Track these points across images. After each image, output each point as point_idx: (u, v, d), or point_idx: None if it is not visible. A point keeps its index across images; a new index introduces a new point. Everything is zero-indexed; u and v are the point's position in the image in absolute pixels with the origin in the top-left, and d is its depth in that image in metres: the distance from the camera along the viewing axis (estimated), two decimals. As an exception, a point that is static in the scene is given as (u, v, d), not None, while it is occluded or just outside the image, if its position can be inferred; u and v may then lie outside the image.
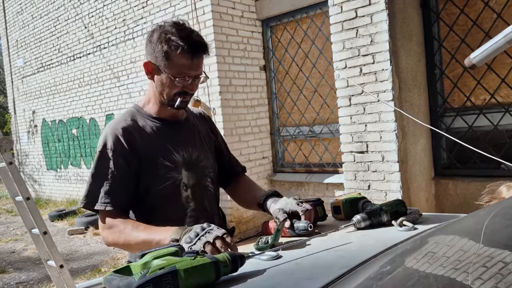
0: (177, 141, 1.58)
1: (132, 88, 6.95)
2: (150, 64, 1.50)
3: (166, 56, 1.43)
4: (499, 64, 3.59)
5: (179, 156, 1.56)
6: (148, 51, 1.50)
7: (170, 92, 1.49)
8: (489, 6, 3.60)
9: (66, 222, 7.41)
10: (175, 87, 1.47)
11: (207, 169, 1.66)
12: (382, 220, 1.42)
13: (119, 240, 1.43)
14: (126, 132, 1.49)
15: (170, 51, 1.43)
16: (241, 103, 5.38)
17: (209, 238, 1.19)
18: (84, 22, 7.83)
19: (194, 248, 1.19)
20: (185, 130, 1.64)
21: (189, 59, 1.43)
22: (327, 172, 5.13)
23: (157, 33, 1.46)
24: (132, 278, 0.91)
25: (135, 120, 1.55)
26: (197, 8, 5.26)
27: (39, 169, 10.03)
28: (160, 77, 1.48)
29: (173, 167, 1.54)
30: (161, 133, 1.56)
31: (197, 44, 1.45)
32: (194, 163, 1.60)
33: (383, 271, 0.84)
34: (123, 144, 1.47)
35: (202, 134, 1.70)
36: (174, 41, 1.42)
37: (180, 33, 1.43)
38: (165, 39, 1.43)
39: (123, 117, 1.56)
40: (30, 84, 9.78)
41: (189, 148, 1.60)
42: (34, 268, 5.05)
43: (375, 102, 3.60)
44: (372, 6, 3.55)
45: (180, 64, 1.44)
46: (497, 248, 0.79)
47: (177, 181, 1.54)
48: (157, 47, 1.44)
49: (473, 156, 3.65)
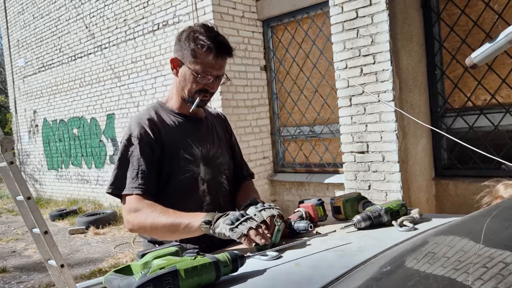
0: (196, 136, 1.64)
1: (133, 88, 6.95)
2: (176, 60, 1.59)
3: (192, 54, 1.53)
4: (499, 64, 3.59)
5: (197, 150, 1.62)
6: (176, 48, 1.60)
7: (191, 88, 1.57)
8: (490, 6, 3.60)
9: (67, 221, 7.41)
10: (197, 84, 1.56)
11: (223, 166, 1.71)
12: (382, 220, 1.42)
13: (145, 222, 1.45)
14: (151, 123, 1.56)
15: (196, 49, 1.52)
16: (242, 103, 5.39)
17: (253, 225, 1.26)
18: (85, 22, 7.84)
19: (236, 230, 1.25)
20: (204, 127, 1.71)
21: (213, 58, 1.52)
22: (328, 172, 5.13)
23: (186, 32, 1.56)
24: (132, 277, 0.91)
25: (159, 114, 1.62)
26: (198, 8, 5.26)
27: (40, 168, 10.04)
28: (184, 73, 1.57)
29: (192, 160, 1.60)
30: (182, 127, 1.63)
31: (222, 45, 1.54)
32: (211, 159, 1.66)
33: (383, 272, 0.84)
34: (148, 133, 1.54)
35: (219, 133, 1.77)
36: (201, 40, 1.51)
37: (207, 33, 1.53)
38: (193, 37, 1.53)
39: (147, 111, 1.63)
40: (31, 84, 9.79)
41: (207, 144, 1.66)
42: (35, 268, 5.05)
43: (375, 102, 3.60)
44: (373, 6, 3.55)
45: (204, 62, 1.52)
46: (498, 248, 0.79)
47: (195, 174, 1.60)
48: (184, 45, 1.54)
49: (473, 156, 3.65)
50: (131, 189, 1.49)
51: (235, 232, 1.25)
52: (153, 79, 6.56)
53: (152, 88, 6.61)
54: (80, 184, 8.72)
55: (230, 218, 1.29)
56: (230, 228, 1.26)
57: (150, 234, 1.52)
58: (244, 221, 1.27)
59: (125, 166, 1.52)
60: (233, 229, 1.25)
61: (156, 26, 6.36)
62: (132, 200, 1.49)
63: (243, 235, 1.24)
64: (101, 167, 8.04)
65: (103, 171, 8.01)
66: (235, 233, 1.25)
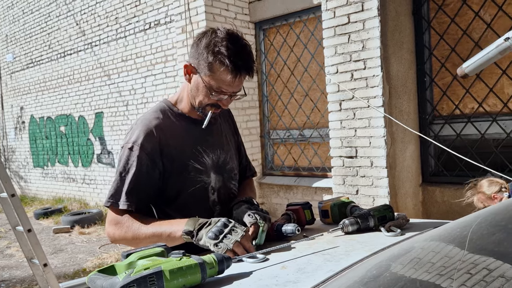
0: (207, 143, 1.55)
1: (123, 87, 6.91)
2: (191, 68, 1.45)
3: (209, 67, 1.38)
4: (487, 73, 3.64)
5: (208, 159, 1.54)
6: (192, 53, 1.44)
7: (203, 101, 1.45)
8: (479, 16, 3.65)
9: (52, 220, 7.32)
10: (210, 99, 1.44)
11: (233, 171, 1.65)
12: (369, 225, 1.43)
13: (126, 236, 1.39)
14: (159, 131, 1.45)
15: (214, 64, 1.37)
16: (232, 105, 5.33)
17: (238, 237, 1.21)
18: (76, 19, 7.77)
19: (221, 246, 1.20)
20: (215, 132, 1.61)
21: (232, 78, 1.38)
22: (316, 176, 5.14)
23: (206, 39, 1.39)
24: (116, 278, 0.90)
25: (167, 117, 1.50)
26: (190, 8, 5.25)
27: (25, 166, 9.90)
28: (197, 84, 1.44)
29: (203, 170, 1.52)
30: (192, 134, 1.52)
31: (244, 64, 1.39)
32: (221, 166, 1.58)
33: (369, 276, 0.84)
34: (154, 143, 1.43)
35: (228, 136, 1.69)
36: (222, 55, 1.35)
37: (230, 48, 1.36)
38: (213, 50, 1.36)
39: (155, 114, 1.50)
40: (19, 80, 9.66)
41: (217, 151, 1.58)
42: (17, 266, 4.97)
43: (365, 107, 3.62)
44: (364, 12, 3.58)
45: (221, 79, 1.39)
46: (482, 255, 0.79)
47: (206, 184, 1.52)
48: (202, 55, 1.39)
49: (460, 164, 3.69)
50: (113, 202, 1.40)
51: (220, 247, 1.21)
52: (143, 79, 6.52)
53: (142, 88, 6.57)
54: (66, 183, 8.62)
55: (213, 230, 1.24)
56: (214, 244, 1.21)
57: (134, 246, 1.46)
58: (229, 233, 1.23)
59: (123, 176, 1.43)
60: (217, 244, 1.21)
61: (148, 25, 6.33)
62: (114, 212, 1.42)
63: (228, 251, 1.20)
64: (88, 166, 7.96)
65: (90, 169, 7.93)
66: (220, 249, 1.21)
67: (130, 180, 1.41)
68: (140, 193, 1.42)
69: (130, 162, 1.42)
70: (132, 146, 1.42)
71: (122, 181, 1.42)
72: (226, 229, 1.24)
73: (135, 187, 1.41)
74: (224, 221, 1.26)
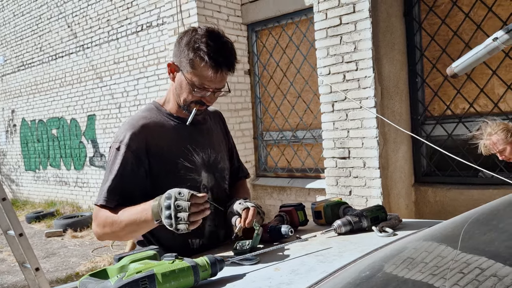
0: (197, 142, 1.56)
1: (115, 89, 6.87)
2: (174, 66, 1.48)
3: (191, 64, 1.41)
4: (478, 74, 3.67)
5: (198, 157, 1.55)
6: (175, 52, 1.48)
7: (187, 98, 1.48)
8: (470, 17, 3.68)
9: (44, 224, 7.25)
10: (193, 96, 1.46)
11: (224, 171, 1.66)
12: (362, 225, 1.43)
13: (105, 229, 1.41)
14: (146, 130, 1.46)
15: (195, 60, 1.40)
16: (225, 106, 5.37)
17: (185, 216, 1.21)
18: (68, 21, 7.72)
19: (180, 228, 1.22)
20: (205, 131, 1.62)
21: (213, 73, 1.40)
22: (309, 177, 5.15)
23: (187, 37, 1.43)
24: (108, 281, 0.89)
25: (155, 117, 1.52)
26: (182, 10, 5.24)
27: (17, 169, 9.81)
28: (181, 81, 1.47)
29: (193, 169, 1.52)
30: (181, 133, 1.54)
31: (225, 60, 1.41)
32: (212, 165, 1.59)
33: (362, 276, 0.85)
34: (140, 142, 1.44)
35: (219, 136, 1.70)
36: (201, 52, 1.38)
37: (210, 45, 1.39)
38: (193, 47, 1.40)
39: (143, 113, 1.53)
40: (10, 83, 9.58)
41: (208, 150, 1.59)
42: (9, 271, 4.92)
43: (357, 108, 3.64)
44: (356, 14, 3.59)
45: (202, 75, 1.41)
46: (474, 254, 0.80)
47: (197, 183, 1.53)
48: (184, 52, 1.42)
49: (452, 164, 3.71)
50: (96, 200, 1.42)
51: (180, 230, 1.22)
52: (135, 81, 6.49)
53: (134, 90, 6.54)
54: (58, 186, 8.55)
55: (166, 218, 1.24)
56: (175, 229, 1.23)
57: (118, 239, 1.46)
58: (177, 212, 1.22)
59: (109, 174, 1.44)
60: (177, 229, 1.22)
61: (140, 27, 6.31)
62: (98, 210, 1.43)
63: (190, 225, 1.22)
64: (80, 169, 7.91)
65: (82, 172, 7.88)
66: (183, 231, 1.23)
67: (113, 178, 1.42)
68: (124, 191, 1.43)
69: (116, 161, 1.43)
70: (119, 145, 1.44)
71: (106, 179, 1.44)
72: (172, 211, 1.23)
73: (118, 185, 1.42)
74: (164, 206, 1.25)
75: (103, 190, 1.42)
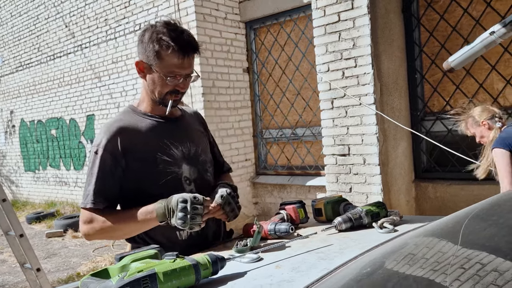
0: (174, 136, 1.60)
1: (114, 89, 6.86)
2: (142, 63, 1.52)
3: (157, 56, 1.46)
4: (477, 69, 3.67)
5: (177, 151, 1.58)
6: (139, 50, 1.52)
7: (161, 90, 1.51)
8: (468, 12, 3.68)
9: (44, 224, 7.25)
10: (167, 86, 1.50)
11: (206, 164, 1.69)
12: (363, 222, 1.43)
13: (103, 227, 1.47)
14: (121, 131, 1.51)
15: (161, 51, 1.46)
16: (224, 105, 5.37)
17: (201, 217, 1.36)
18: (65, 21, 7.70)
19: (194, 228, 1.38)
20: (182, 126, 1.66)
21: (180, 59, 1.46)
22: (309, 174, 5.15)
23: (148, 33, 1.48)
24: (109, 281, 0.89)
25: (130, 118, 1.57)
26: (180, 9, 5.23)
27: (16, 170, 9.81)
28: (152, 76, 1.51)
29: (172, 162, 1.56)
30: (156, 129, 1.57)
31: (188, 43, 1.48)
32: (193, 157, 1.63)
33: (363, 273, 0.85)
34: (116, 142, 1.49)
35: (198, 131, 1.74)
36: (165, 41, 1.45)
37: (171, 33, 1.46)
38: (156, 38, 1.46)
39: (119, 116, 1.59)
40: (8, 84, 9.56)
41: (187, 143, 1.62)
42: (10, 272, 4.92)
43: (357, 105, 3.64)
44: (354, 10, 3.59)
45: (171, 63, 1.47)
46: (475, 249, 0.80)
47: (178, 175, 1.56)
48: (148, 47, 1.47)
49: (452, 159, 3.71)
50: (84, 203, 1.48)
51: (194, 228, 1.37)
52: (134, 80, 6.48)
53: (133, 89, 6.53)
54: (58, 186, 8.55)
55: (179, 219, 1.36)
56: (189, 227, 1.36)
57: (109, 239, 1.60)
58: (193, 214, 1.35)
59: (90, 177, 1.50)
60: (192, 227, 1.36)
61: (138, 26, 6.30)
62: (86, 213, 1.49)
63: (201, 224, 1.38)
64: (80, 169, 7.90)
65: (82, 173, 7.87)
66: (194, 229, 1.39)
67: (95, 181, 1.48)
68: (107, 191, 1.49)
69: (95, 163, 1.49)
70: (97, 149, 1.50)
71: (89, 182, 1.49)
72: (188, 214, 1.35)
73: (101, 187, 1.48)
74: (178, 209, 1.36)
75: (88, 193, 1.48)
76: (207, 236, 1.64)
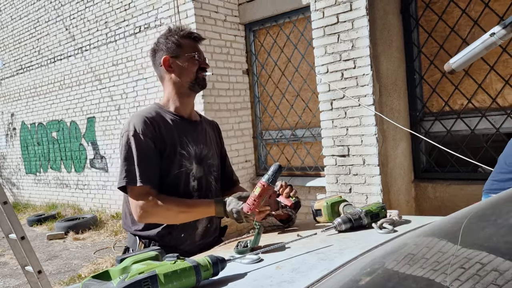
0: (192, 136, 1.76)
1: (114, 91, 6.87)
2: (167, 58, 1.71)
3: (177, 44, 1.71)
4: (476, 70, 3.67)
5: (192, 149, 1.74)
6: (159, 54, 1.73)
7: (191, 70, 1.71)
8: (466, 13, 3.69)
9: (46, 226, 7.26)
10: (194, 63, 1.71)
11: (213, 167, 1.84)
12: (362, 222, 1.44)
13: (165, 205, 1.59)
14: (152, 120, 1.66)
15: (179, 39, 1.72)
16: (224, 106, 5.38)
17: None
18: (65, 24, 7.72)
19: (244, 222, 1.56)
20: (199, 129, 1.83)
21: (196, 44, 1.75)
22: (309, 175, 5.16)
23: (162, 39, 1.73)
24: (110, 283, 0.90)
25: (158, 113, 1.72)
26: (180, 11, 5.24)
27: (17, 172, 9.81)
28: (180, 64, 1.72)
29: (187, 157, 1.71)
30: (180, 126, 1.73)
31: (196, 33, 1.77)
32: (203, 159, 1.78)
33: (363, 273, 0.85)
34: (151, 128, 1.64)
35: (212, 138, 1.91)
36: (182, 33, 1.73)
37: (183, 29, 1.74)
38: (177, 34, 1.72)
39: (147, 110, 1.73)
40: (9, 86, 9.57)
41: (200, 145, 1.78)
42: (11, 274, 4.93)
43: (356, 106, 3.64)
44: (353, 12, 3.60)
45: (190, 45, 1.73)
46: (475, 249, 0.80)
47: (188, 169, 1.71)
48: (168, 43, 1.71)
49: (451, 159, 3.72)
50: (139, 181, 1.57)
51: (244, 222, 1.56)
52: (134, 82, 6.49)
53: (133, 91, 6.54)
54: (59, 189, 8.56)
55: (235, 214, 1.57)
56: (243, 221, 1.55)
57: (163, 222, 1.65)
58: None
59: (132, 160, 1.60)
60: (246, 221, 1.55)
61: (138, 28, 6.31)
62: (141, 190, 1.58)
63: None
64: (81, 171, 7.91)
65: (83, 175, 7.88)
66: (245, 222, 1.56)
67: (139, 161, 1.59)
68: (151, 171, 1.61)
69: (135, 146, 1.60)
70: (134, 133, 1.62)
71: (131, 163, 1.59)
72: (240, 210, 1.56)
73: (145, 167, 1.60)
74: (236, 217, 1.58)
75: (134, 172, 1.58)
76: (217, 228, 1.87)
